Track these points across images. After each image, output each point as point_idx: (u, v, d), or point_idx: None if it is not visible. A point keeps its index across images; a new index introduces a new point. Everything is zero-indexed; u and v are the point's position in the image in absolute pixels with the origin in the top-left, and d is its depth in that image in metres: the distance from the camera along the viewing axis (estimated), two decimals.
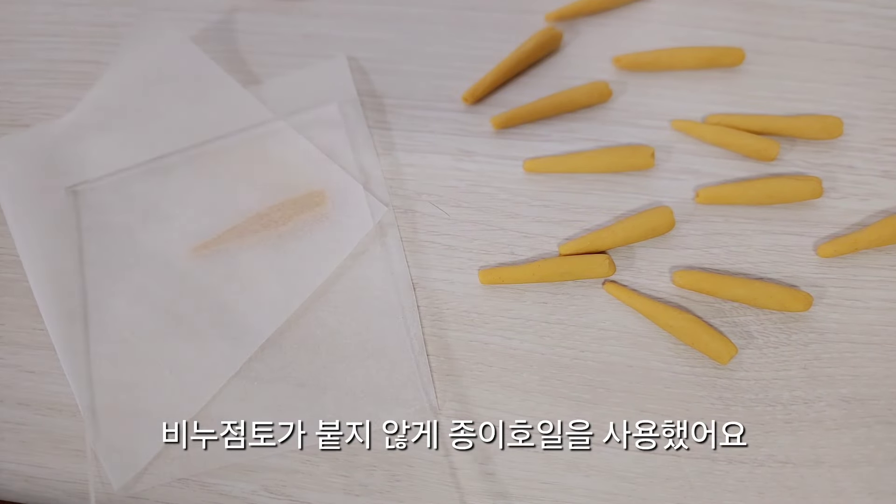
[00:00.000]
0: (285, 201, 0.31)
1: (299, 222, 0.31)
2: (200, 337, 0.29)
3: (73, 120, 0.33)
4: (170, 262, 0.31)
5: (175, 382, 0.29)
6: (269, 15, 0.36)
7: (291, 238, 0.31)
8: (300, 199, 0.31)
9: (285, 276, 0.30)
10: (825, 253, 0.30)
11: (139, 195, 0.32)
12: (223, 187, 0.32)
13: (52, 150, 0.33)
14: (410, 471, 0.28)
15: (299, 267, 0.30)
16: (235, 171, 0.32)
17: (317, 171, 0.32)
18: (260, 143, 0.33)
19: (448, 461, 0.28)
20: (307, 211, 0.31)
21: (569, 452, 0.27)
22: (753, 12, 0.35)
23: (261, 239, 0.31)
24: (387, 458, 0.28)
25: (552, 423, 0.28)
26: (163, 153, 0.32)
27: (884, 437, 0.27)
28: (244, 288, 0.30)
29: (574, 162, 0.32)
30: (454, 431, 0.28)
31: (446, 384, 0.29)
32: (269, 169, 0.32)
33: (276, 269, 0.30)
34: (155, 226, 0.31)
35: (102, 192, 0.32)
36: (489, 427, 0.28)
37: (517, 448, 0.28)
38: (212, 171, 0.32)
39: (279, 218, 0.31)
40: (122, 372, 0.29)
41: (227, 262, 0.31)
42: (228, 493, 0.28)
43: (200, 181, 0.32)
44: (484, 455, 0.28)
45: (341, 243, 0.30)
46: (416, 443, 0.28)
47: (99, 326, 0.30)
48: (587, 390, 0.28)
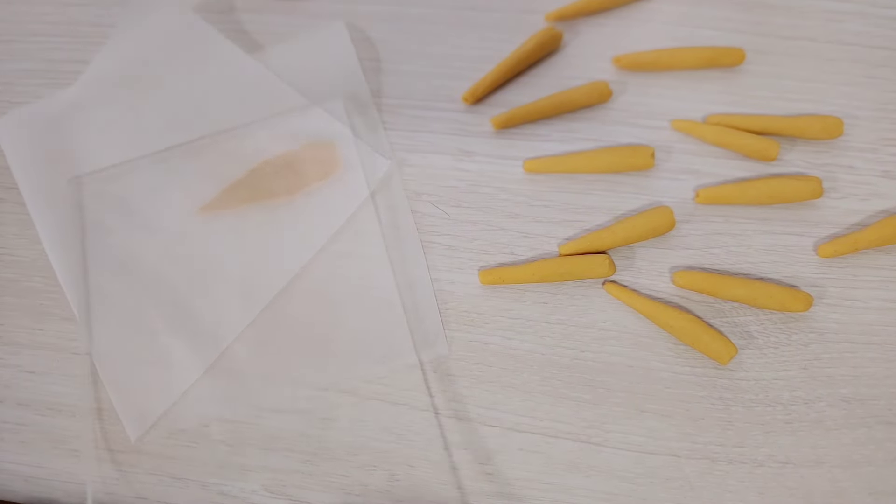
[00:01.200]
0: (286, 153, 0.32)
1: (309, 182, 0.31)
2: (210, 294, 0.30)
3: (78, 92, 0.34)
4: (177, 224, 0.31)
5: (186, 336, 0.29)
6: (269, 15, 0.36)
7: (301, 196, 0.31)
8: (304, 152, 0.32)
9: (293, 234, 0.31)
10: (825, 253, 0.30)
11: (143, 168, 0.33)
12: (219, 142, 0.33)
13: (58, 121, 0.33)
14: (410, 471, 0.28)
15: (306, 225, 0.31)
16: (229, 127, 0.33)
17: (319, 125, 0.33)
18: (255, 99, 0.33)
19: (448, 461, 0.28)
20: (317, 166, 0.32)
21: (569, 452, 0.27)
22: (753, 12, 0.35)
23: (269, 198, 0.31)
24: (387, 459, 0.28)
25: (552, 423, 0.28)
26: (167, 124, 0.33)
27: (884, 438, 0.27)
28: (251, 246, 0.31)
29: (574, 162, 0.32)
30: (455, 432, 0.28)
31: (446, 384, 0.29)
32: (262, 123, 0.33)
33: (284, 227, 0.31)
34: (158, 193, 0.32)
35: (107, 175, 0.33)
36: (489, 427, 0.28)
37: (517, 448, 0.28)
38: (200, 129, 0.33)
39: (286, 175, 0.31)
40: (134, 325, 0.30)
41: (233, 223, 0.31)
42: (228, 492, 0.28)
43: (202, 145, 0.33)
44: (484, 455, 0.28)
45: (348, 198, 0.31)
46: (415, 443, 0.28)
47: (110, 284, 0.30)
48: (587, 390, 0.28)
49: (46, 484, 0.28)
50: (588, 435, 0.28)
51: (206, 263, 0.30)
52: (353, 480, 0.27)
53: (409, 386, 0.29)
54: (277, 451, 0.28)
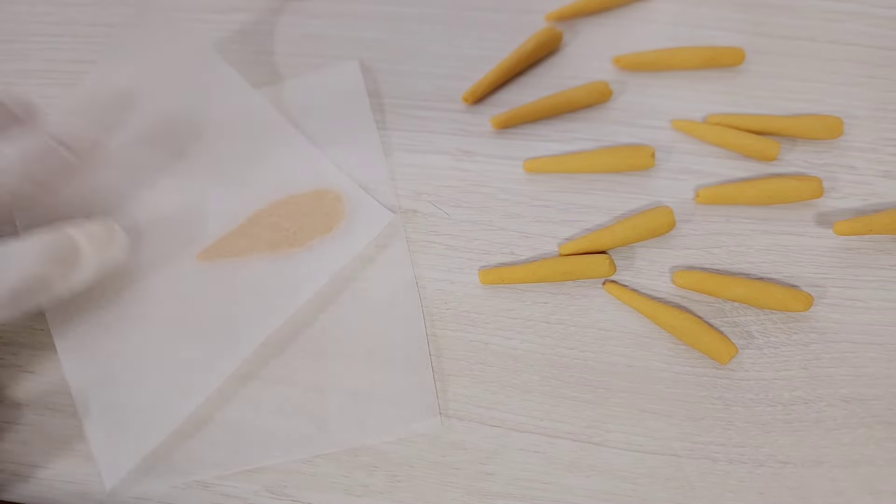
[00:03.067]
0: (289, 200, 0.31)
1: (312, 234, 0.31)
2: (199, 337, 0.29)
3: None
4: (174, 266, 0.31)
5: (171, 380, 0.28)
6: (269, 15, 0.36)
7: (302, 251, 0.30)
8: (308, 200, 0.31)
9: (286, 280, 0.30)
10: (841, 230, 0.29)
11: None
12: (223, 184, 0.32)
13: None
14: (411, 471, 0.27)
15: (301, 271, 0.30)
16: (233, 170, 0.32)
17: (321, 173, 0.32)
18: (261, 141, 0.33)
19: (448, 461, 0.28)
20: (320, 218, 0.31)
21: (569, 452, 0.27)
22: (753, 12, 0.35)
23: (270, 250, 0.31)
24: (388, 459, 0.28)
25: (552, 423, 0.28)
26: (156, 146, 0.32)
27: (884, 437, 0.27)
28: (245, 291, 0.30)
29: (574, 162, 0.32)
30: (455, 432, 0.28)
31: (446, 384, 0.29)
32: (268, 168, 0.32)
33: (279, 273, 0.30)
34: (158, 230, 0.31)
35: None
36: (489, 427, 0.28)
37: (517, 448, 0.28)
38: (207, 169, 0.32)
39: (288, 227, 0.31)
40: (118, 367, 0.29)
41: (230, 271, 0.30)
42: (230, 493, 0.28)
43: (196, 180, 0.32)
44: (484, 455, 0.28)
45: (346, 249, 0.30)
46: (418, 445, 0.28)
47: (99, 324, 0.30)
48: (588, 390, 0.28)
49: (46, 484, 0.28)
50: (588, 435, 0.28)
51: (196, 306, 0.30)
52: (355, 481, 0.27)
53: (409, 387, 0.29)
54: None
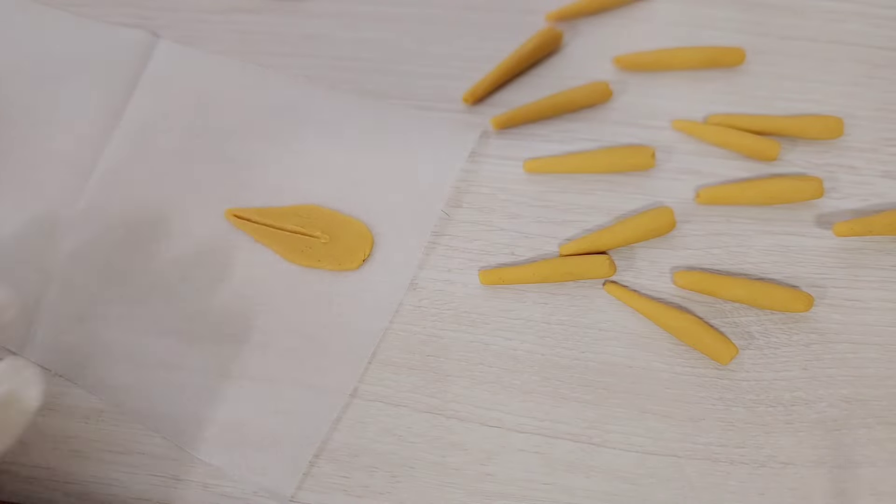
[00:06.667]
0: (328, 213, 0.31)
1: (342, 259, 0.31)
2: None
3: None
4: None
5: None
6: (269, 15, 0.36)
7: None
8: (343, 225, 0.31)
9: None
10: (840, 231, 0.29)
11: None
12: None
13: None
14: (411, 472, 0.27)
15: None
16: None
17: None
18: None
19: (448, 462, 0.28)
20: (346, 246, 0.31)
21: (569, 453, 0.27)
22: (753, 12, 0.35)
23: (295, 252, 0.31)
24: (387, 459, 0.28)
25: (553, 423, 0.28)
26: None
27: (885, 438, 0.27)
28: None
29: (574, 162, 0.32)
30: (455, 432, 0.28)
31: (447, 384, 0.29)
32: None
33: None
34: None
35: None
36: (489, 427, 0.28)
37: (517, 448, 0.28)
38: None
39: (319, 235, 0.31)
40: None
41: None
42: (230, 493, 0.28)
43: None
44: (484, 455, 0.28)
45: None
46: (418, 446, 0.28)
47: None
48: (588, 391, 0.28)
49: (46, 484, 0.28)
50: (588, 435, 0.28)
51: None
52: (354, 481, 0.27)
53: (409, 388, 0.29)
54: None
